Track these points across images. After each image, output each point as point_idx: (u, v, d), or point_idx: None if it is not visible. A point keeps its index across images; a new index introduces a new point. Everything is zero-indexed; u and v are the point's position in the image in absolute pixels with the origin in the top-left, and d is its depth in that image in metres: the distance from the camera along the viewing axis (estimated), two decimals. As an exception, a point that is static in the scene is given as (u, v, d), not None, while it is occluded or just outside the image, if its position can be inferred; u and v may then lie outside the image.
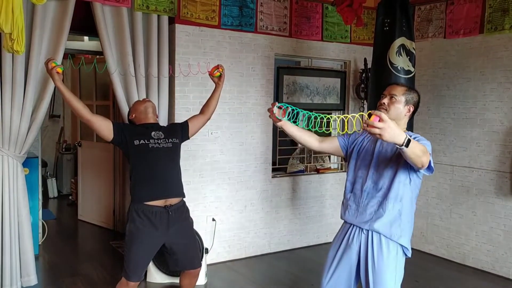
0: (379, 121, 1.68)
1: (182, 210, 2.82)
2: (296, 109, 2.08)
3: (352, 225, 2.31)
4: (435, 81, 4.50)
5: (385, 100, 2.22)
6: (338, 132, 1.90)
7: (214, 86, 2.98)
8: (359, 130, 1.96)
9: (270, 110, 2.19)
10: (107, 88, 5.09)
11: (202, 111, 3.05)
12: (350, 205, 2.32)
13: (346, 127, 1.92)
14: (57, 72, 2.50)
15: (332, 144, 2.42)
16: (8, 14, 2.55)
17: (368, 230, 2.23)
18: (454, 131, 4.35)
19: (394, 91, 2.22)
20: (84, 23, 3.59)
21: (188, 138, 3.00)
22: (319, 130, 2.03)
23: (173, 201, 2.74)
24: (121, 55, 3.56)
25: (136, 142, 2.70)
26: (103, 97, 5.27)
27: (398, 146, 1.77)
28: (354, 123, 1.84)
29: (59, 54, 3.32)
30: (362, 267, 2.26)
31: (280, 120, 2.19)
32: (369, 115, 1.72)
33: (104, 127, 2.66)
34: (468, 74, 4.21)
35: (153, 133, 2.77)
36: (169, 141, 2.79)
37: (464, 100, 4.26)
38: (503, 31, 3.94)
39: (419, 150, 1.86)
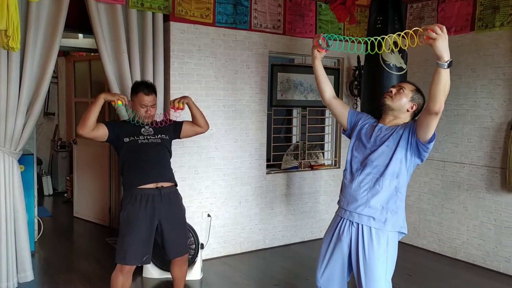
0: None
1: (176, 196, 2.96)
2: (339, 37, 2.25)
3: (342, 219, 2.37)
4: (427, 78, 4.53)
5: (393, 89, 2.35)
6: (389, 52, 2.05)
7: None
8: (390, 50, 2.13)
9: (315, 37, 2.36)
10: (102, 85, 5.10)
11: None
12: (345, 183, 2.40)
13: (399, 44, 2.06)
14: (117, 102, 2.78)
15: (341, 108, 2.53)
16: (4, 11, 2.58)
17: (358, 224, 2.28)
18: (445, 127, 4.41)
19: (404, 85, 2.36)
20: (79, 20, 3.61)
21: (179, 138, 3.14)
22: (371, 52, 2.14)
23: (165, 184, 2.87)
24: (116, 52, 3.58)
25: (126, 139, 2.87)
26: (98, 94, 5.26)
27: (441, 62, 1.89)
28: (407, 40, 1.95)
29: (54, 52, 3.33)
30: (353, 259, 2.31)
31: (319, 46, 2.35)
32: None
33: (101, 133, 2.84)
34: (459, 71, 4.27)
35: (142, 129, 2.91)
36: (158, 137, 2.95)
37: (455, 96, 4.32)
38: (493, 29, 4.00)
39: (448, 84, 1.97)
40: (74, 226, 5.35)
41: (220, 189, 4.21)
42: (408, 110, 2.32)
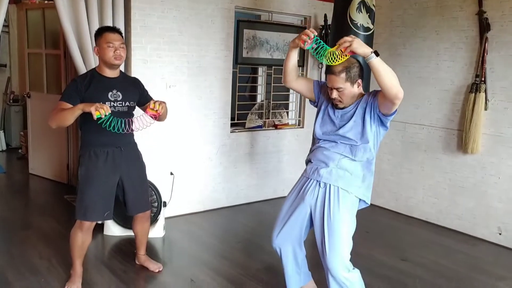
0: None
1: (136, 150, 2.90)
2: (323, 45, 2.19)
3: (309, 179, 2.39)
4: (392, 39, 4.56)
5: (335, 95, 2.27)
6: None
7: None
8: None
9: (305, 34, 2.17)
10: (57, 36, 4.82)
11: None
12: (318, 146, 2.41)
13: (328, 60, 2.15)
14: (95, 114, 2.38)
15: (306, 84, 2.52)
16: None
17: (326, 183, 2.31)
18: (408, 89, 4.45)
19: (336, 84, 2.24)
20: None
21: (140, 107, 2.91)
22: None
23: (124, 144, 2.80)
24: (72, 1, 3.36)
25: None
26: (53, 46, 4.99)
27: (368, 56, 2.01)
28: (340, 57, 2.14)
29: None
30: (317, 219, 2.35)
31: (306, 39, 2.19)
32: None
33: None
34: (424, 33, 4.29)
35: (110, 93, 2.70)
36: (125, 104, 2.76)
37: (419, 59, 4.37)
38: (459, -8, 4.02)
39: (389, 71, 2.04)
40: (30, 183, 5.18)
41: (183, 147, 4.15)
42: (358, 88, 2.29)
